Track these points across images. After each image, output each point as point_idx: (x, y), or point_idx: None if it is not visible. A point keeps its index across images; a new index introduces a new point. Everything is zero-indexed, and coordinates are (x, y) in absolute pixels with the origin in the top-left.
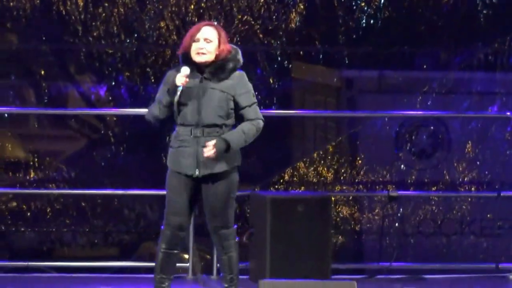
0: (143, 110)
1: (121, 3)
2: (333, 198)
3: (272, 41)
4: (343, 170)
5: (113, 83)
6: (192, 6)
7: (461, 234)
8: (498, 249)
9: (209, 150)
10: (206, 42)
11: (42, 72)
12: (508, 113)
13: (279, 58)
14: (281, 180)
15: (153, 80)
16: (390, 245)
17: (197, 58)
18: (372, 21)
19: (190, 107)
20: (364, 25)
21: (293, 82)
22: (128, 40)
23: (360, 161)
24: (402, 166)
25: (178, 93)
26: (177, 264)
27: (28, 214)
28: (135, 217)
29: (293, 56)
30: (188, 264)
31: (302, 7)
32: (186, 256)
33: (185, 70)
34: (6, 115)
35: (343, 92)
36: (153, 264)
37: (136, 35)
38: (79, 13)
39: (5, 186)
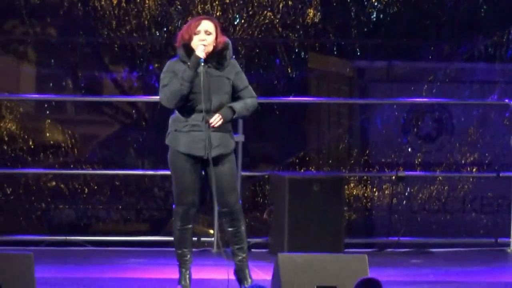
0: None
1: None
2: (346, 178)
3: (290, 34)
4: (355, 153)
5: (144, 73)
6: (217, 2)
7: (463, 211)
8: (497, 225)
9: (216, 119)
10: (207, 34)
11: (79, 63)
12: (507, 100)
13: (296, 50)
14: (298, 161)
15: None
16: (398, 221)
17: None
18: (381, 16)
19: (201, 95)
20: (374, 19)
21: (309, 72)
22: (157, 33)
23: (370, 144)
24: (409, 149)
25: (201, 64)
26: (203, 239)
27: (66, 192)
28: (164, 195)
29: (310, 47)
30: (213, 239)
31: (317, 2)
32: (211, 231)
33: (202, 47)
34: (45, 104)
35: (355, 81)
36: None
37: (165, 28)
38: (113, 9)
39: (45, 167)
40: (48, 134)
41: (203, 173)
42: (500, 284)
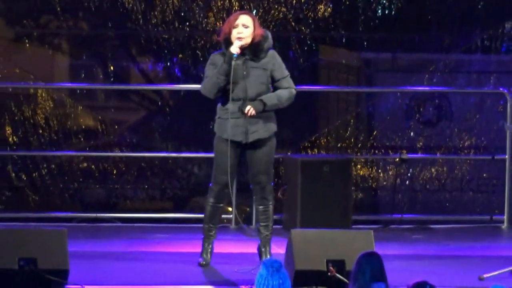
0: (194, 86)
1: None
2: (354, 160)
3: (302, 28)
4: (362, 137)
5: (168, 63)
6: None
7: (461, 190)
8: (492, 204)
9: (249, 110)
10: (244, 28)
11: (109, 54)
12: (501, 89)
13: (308, 42)
14: (310, 145)
15: (202, 60)
16: (402, 200)
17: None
18: (387, 11)
19: (238, 85)
20: (380, 14)
21: (320, 62)
22: (181, 27)
23: (376, 129)
24: (412, 133)
25: (234, 60)
26: (222, 216)
27: (97, 173)
28: (187, 175)
29: (320, 40)
30: (231, 216)
31: None
32: (230, 208)
33: (238, 43)
34: (78, 92)
35: (362, 71)
36: (202, 215)
37: (187, 23)
38: (140, 4)
39: (77, 150)
40: (80, 120)
41: (241, 156)
42: (495, 258)
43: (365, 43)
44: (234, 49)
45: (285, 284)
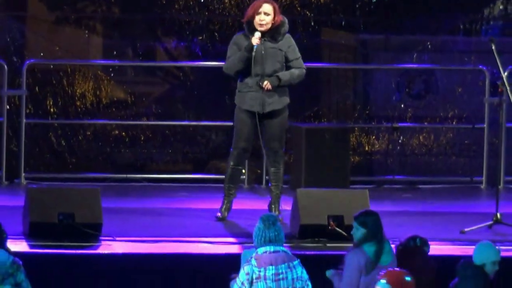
0: (212, 63)
1: None
2: (351, 128)
3: (307, 12)
4: (358, 108)
5: (190, 43)
6: None
7: (445, 155)
8: (472, 167)
9: (266, 84)
10: (266, 15)
11: (137, 35)
12: (481, 67)
13: (312, 25)
14: (313, 115)
15: (218, 40)
16: (393, 163)
17: (259, 28)
18: None
19: (257, 63)
20: (375, 0)
21: (322, 43)
22: (200, 11)
23: (371, 102)
24: (402, 105)
25: (254, 50)
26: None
27: (127, 139)
28: (205, 141)
29: (322, 23)
30: (244, 177)
31: None
32: (243, 170)
33: (258, 34)
34: (110, 68)
35: (359, 50)
36: (219, 176)
37: (206, 8)
38: None
39: (110, 119)
40: (112, 92)
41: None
42: (475, 214)
43: (361, 26)
44: (255, 41)
45: (280, 236)
